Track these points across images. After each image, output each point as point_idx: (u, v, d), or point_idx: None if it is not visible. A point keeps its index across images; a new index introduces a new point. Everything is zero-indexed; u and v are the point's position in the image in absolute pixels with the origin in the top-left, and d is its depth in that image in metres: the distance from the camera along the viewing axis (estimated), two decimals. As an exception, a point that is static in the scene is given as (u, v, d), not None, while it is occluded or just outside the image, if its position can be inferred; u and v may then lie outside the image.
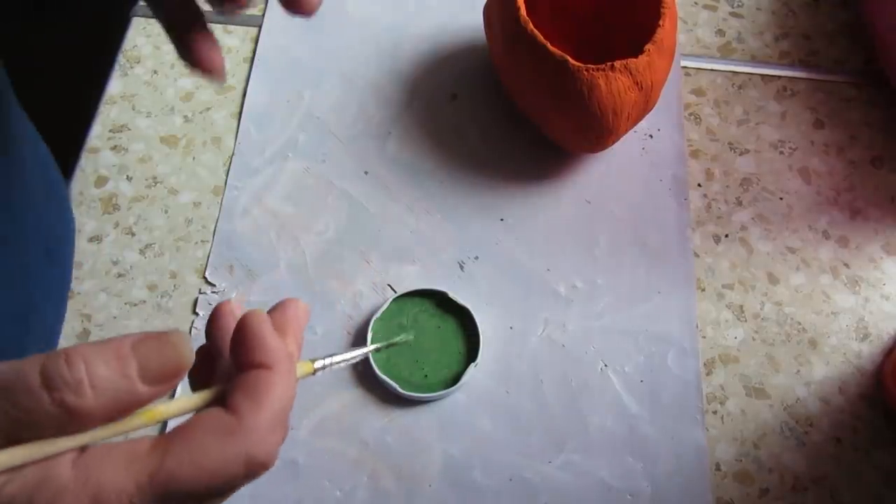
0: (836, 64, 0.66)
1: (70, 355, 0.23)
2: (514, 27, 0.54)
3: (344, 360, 0.35)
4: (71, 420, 0.23)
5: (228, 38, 0.66)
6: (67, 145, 0.63)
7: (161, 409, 0.26)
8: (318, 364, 0.33)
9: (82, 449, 0.24)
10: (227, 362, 0.29)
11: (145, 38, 0.66)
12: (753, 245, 0.59)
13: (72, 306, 0.55)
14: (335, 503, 0.50)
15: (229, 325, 0.30)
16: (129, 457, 0.24)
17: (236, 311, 0.31)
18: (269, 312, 0.31)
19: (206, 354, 0.31)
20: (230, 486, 0.25)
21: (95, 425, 0.24)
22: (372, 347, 0.39)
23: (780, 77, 0.66)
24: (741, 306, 0.57)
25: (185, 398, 0.27)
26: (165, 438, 0.25)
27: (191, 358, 0.25)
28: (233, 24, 0.67)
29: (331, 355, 0.34)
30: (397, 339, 0.39)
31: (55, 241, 0.55)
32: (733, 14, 0.69)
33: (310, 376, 0.32)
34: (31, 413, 0.22)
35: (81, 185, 0.60)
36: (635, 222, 0.59)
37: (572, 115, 0.55)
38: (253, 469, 0.25)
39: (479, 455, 0.51)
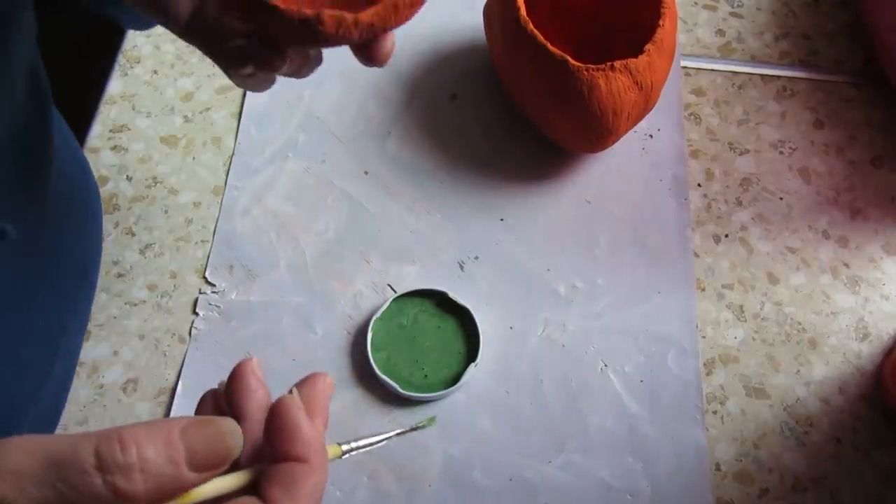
0: (836, 64, 0.66)
1: (124, 439, 0.24)
2: (514, 27, 0.54)
3: (369, 445, 0.35)
4: (116, 502, 0.23)
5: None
6: (67, 145, 0.63)
7: (196, 491, 0.26)
8: (345, 448, 0.33)
9: None
10: (252, 432, 0.29)
11: (145, 38, 0.66)
12: (753, 245, 0.59)
13: (72, 306, 0.55)
14: (335, 503, 0.50)
15: (250, 385, 0.31)
16: None
17: (257, 372, 0.31)
18: (298, 386, 0.31)
19: (214, 396, 0.31)
20: None
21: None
22: (394, 433, 0.39)
23: (780, 77, 0.66)
24: (741, 306, 0.57)
25: (219, 480, 0.27)
26: None
27: (238, 447, 0.26)
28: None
29: (357, 439, 0.35)
30: (419, 423, 0.40)
31: (89, 263, 0.55)
32: (733, 14, 0.69)
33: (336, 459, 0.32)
34: (82, 493, 0.23)
35: (81, 185, 0.60)
36: (635, 222, 0.59)
37: (572, 115, 0.54)
38: None
39: (479, 455, 0.51)
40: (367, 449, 0.35)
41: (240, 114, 0.63)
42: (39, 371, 0.49)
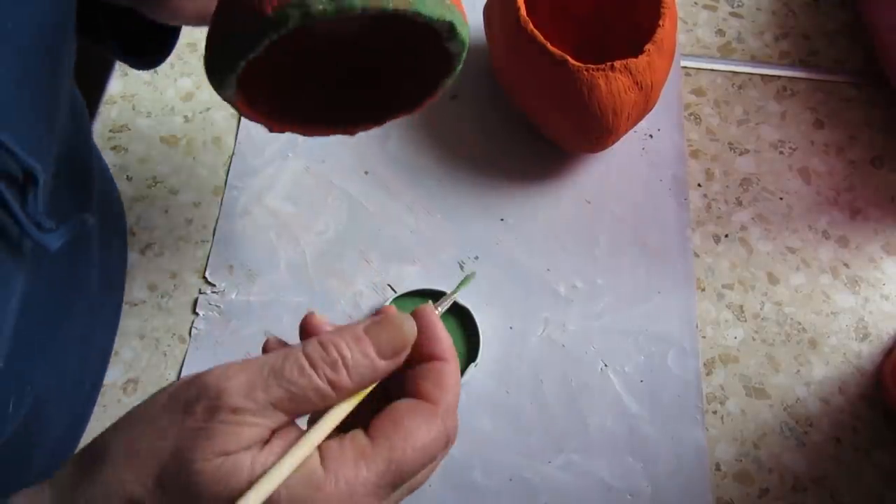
0: (836, 64, 0.66)
1: (323, 342, 0.29)
2: (515, 27, 0.54)
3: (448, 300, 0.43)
4: (332, 392, 0.29)
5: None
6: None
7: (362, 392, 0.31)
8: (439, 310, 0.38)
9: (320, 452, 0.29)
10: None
11: (145, 38, 0.66)
12: (753, 245, 0.59)
13: (72, 306, 0.55)
14: (335, 503, 0.50)
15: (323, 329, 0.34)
16: (358, 453, 0.28)
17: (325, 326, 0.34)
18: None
19: (278, 342, 0.34)
20: (433, 462, 0.30)
21: (345, 398, 0.29)
22: (450, 296, 0.43)
23: (780, 77, 0.66)
24: (741, 306, 0.57)
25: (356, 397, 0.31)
26: (378, 432, 0.29)
27: (413, 333, 0.31)
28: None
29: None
30: (464, 280, 0.42)
31: (115, 277, 0.56)
32: (733, 14, 0.69)
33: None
34: (305, 387, 0.28)
35: (81, 185, 0.60)
36: (635, 222, 0.59)
37: (572, 115, 0.54)
38: (449, 444, 0.31)
39: (479, 455, 0.51)
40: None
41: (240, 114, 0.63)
42: (73, 377, 0.50)
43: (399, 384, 0.32)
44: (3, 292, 0.34)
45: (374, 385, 0.31)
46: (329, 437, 0.29)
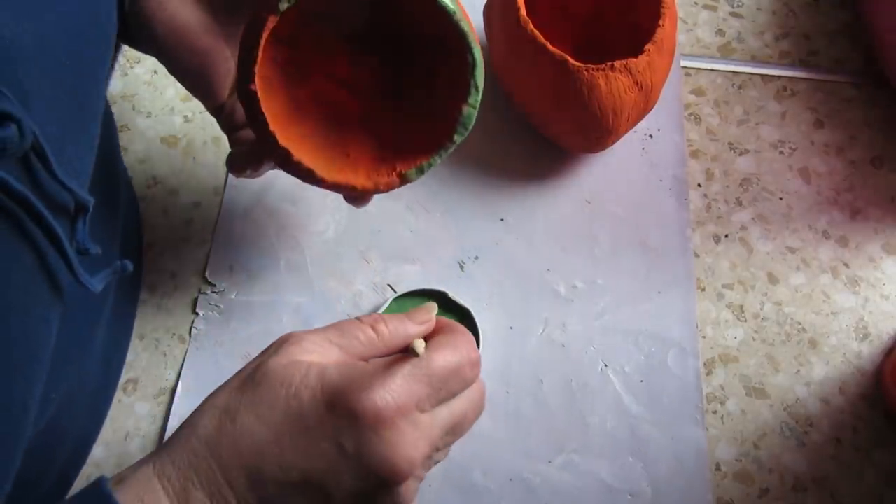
0: (836, 64, 0.66)
1: (370, 316, 0.39)
2: (514, 27, 0.54)
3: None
4: (374, 335, 0.38)
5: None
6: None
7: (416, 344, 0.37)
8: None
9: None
10: None
11: (145, 38, 0.66)
12: (753, 245, 0.59)
13: (72, 306, 0.55)
14: (335, 503, 0.50)
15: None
16: (410, 369, 0.36)
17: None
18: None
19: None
20: (464, 381, 0.37)
21: (386, 345, 0.38)
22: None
23: (780, 77, 0.66)
24: (741, 306, 0.57)
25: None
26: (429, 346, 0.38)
27: (435, 308, 0.41)
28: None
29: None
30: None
31: (133, 282, 0.56)
32: (733, 14, 0.69)
33: None
34: (360, 335, 0.38)
35: (81, 185, 0.60)
36: (635, 222, 0.59)
37: (572, 115, 0.54)
38: (475, 367, 0.38)
39: (479, 455, 0.51)
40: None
41: (240, 114, 0.63)
42: (96, 380, 0.51)
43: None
44: (45, 332, 0.34)
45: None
46: None
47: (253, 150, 0.46)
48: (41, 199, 0.32)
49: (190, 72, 0.43)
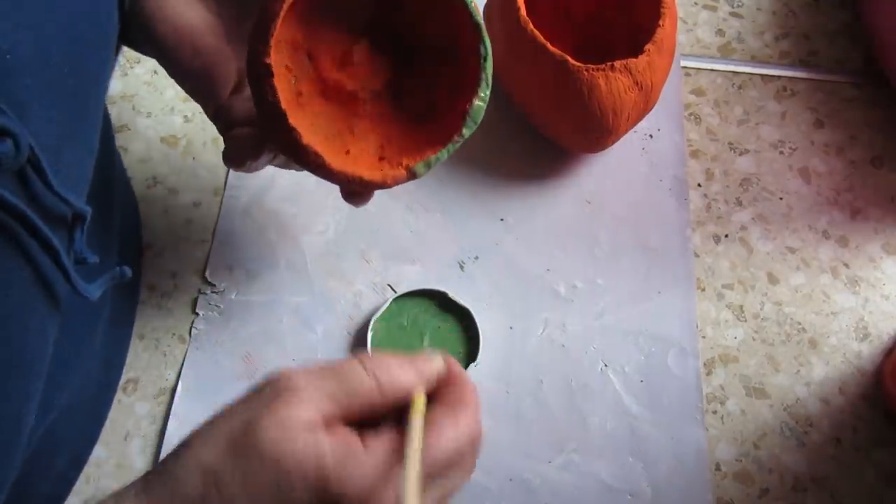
0: (836, 64, 0.66)
1: (376, 356, 0.34)
2: (514, 27, 0.54)
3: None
4: (380, 392, 0.33)
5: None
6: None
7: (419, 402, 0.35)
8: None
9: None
10: None
11: (145, 38, 0.66)
12: (753, 245, 0.59)
13: (72, 306, 0.55)
14: (335, 503, 0.50)
15: None
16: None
17: None
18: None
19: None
20: (462, 461, 0.34)
21: (390, 402, 0.33)
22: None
23: (780, 77, 0.66)
24: (741, 306, 0.57)
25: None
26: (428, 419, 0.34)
27: (440, 365, 0.36)
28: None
29: None
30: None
31: (133, 283, 0.56)
32: (733, 14, 0.69)
33: None
34: (359, 387, 0.33)
35: (81, 185, 0.60)
36: (635, 222, 0.59)
37: (572, 115, 0.54)
38: (475, 443, 0.35)
39: (480, 455, 0.51)
40: None
41: (240, 114, 0.63)
42: (96, 384, 0.51)
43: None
44: (42, 343, 0.34)
45: (419, 404, 0.35)
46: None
47: (251, 139, 0.44)
48: (38, 212, 0.32)
49: (190, 73, 0.42)
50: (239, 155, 0.44)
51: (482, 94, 0.41)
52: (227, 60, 0.42)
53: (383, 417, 0.34)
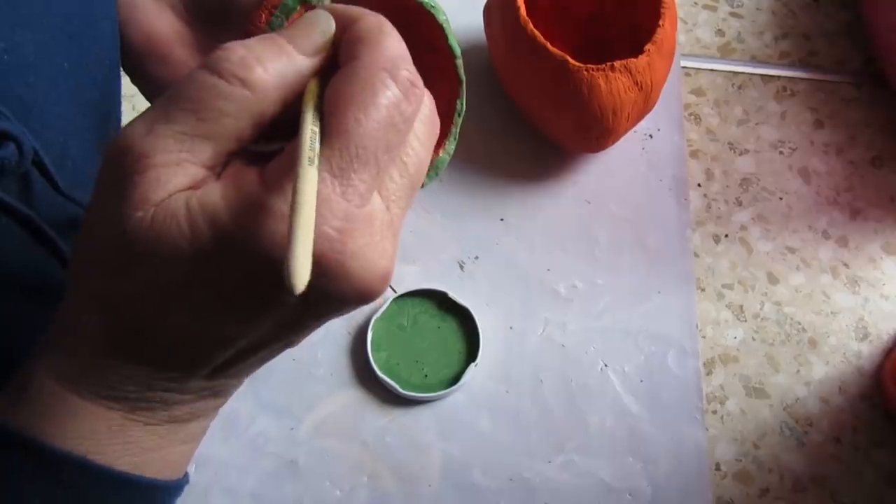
0: (836, 64, 0.66)
1: (226, 47, 0.24)
2: (514, 27, 0.54)
3: None
4: (248, 92, 0.23)
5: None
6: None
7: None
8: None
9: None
10: None
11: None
12: (753, 245, 0.59)
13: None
14: (335, 503, 0.50)
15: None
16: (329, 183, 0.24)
17: None
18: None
19: None
20: (404, 120, 0.24)
21: (271, 99, 0.24)
22: None
23: (780, 77, 0.66)
24: (741, 306, 0.57)
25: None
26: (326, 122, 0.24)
27: (331, 22, 0.26)
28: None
29: None
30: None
31: None
32: (733, 14, 0.69)
33: None
34: (227, 107, 0.23)
35: (81, 185, 0.60)
36: (635, 222, 0.59)
37: (572, 115, 0.54)
38: (412, 97, 0.25)
39: (479, 455, 0.51)
40: None
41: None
42: None
43: None
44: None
45: (311, 90, 0.25)
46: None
47: None
48: (43, 214, 0.31)
49: (154, 82, 0.40)
50: None
51: (448, 148, 0.41)
52: None
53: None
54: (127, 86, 0.66)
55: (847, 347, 0.55)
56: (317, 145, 0.23)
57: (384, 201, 0.25)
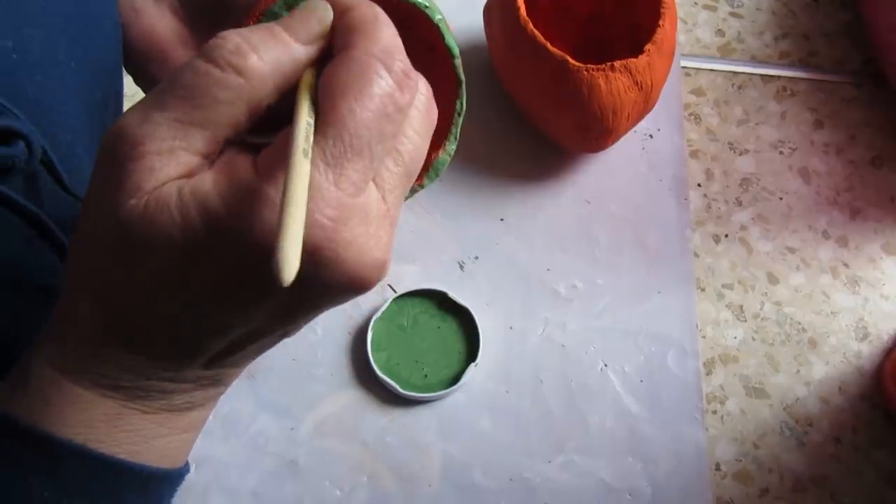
0: (836, 64, 0.66)
1: (221, 35, 0.24)
2: (514, 27, 0.54)
3: None
4: (242, 79, 0.23)
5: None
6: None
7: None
8: None
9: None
10: None
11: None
12: (753, 245, 0.59)
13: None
14: (335, 503, 0.50)
15: None
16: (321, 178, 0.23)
17: None
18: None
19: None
20: (399, 111, 0.24)
21: (266, 87, 0.24)
22: None
23: (780, 77, 0.66)
24: (741, 306, 0.57)
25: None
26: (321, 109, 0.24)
27: (329, 12, 0.26)
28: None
29: None
30: None
31: None
32: (733, 14, 0.69)
33: None
34: (222, 95, 0.23)
35: (81, 185, 0.60)
36: (635, 222, 0.59)
37: (572, 115, 0.55)
38: (407, 89, 0.25)
39: (479, 455, 0.51)
40: None
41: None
42: None
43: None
44: None
45: (307, 80, 0.25)
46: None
47: None
48: (50, 213, 0.31)
49: (157, 83, 0.41)
50: None
51: (449, 148, 0.41)
52: None
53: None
54: (129, 86, 0.66)
55: (847, 347, 0.55)
56: (311, 135, 0.23)
57: (379, 191, 0.25)
